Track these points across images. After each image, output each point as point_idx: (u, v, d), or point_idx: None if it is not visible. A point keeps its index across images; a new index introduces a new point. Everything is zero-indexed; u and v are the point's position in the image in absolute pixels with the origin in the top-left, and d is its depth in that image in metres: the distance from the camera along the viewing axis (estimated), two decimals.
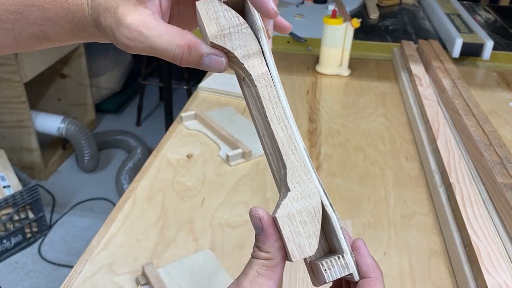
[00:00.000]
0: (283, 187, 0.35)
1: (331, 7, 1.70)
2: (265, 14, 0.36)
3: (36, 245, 1.94)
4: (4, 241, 1.83)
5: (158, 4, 0.37)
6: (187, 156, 0.92)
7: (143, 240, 0.71)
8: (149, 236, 0.72)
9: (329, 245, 0.36)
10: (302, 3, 1.83)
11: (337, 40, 1.22)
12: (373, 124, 1.06)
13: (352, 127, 1.05)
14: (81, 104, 2.66)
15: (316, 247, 0.33)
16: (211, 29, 0.35)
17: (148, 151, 2.40)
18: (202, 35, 0.37)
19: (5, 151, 1.93)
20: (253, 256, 0.34)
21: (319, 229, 0.33)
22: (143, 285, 0.64)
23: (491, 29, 1.64)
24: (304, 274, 0.61)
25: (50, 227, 2.03)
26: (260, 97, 0.35)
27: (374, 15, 1.71)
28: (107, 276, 0.65)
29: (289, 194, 0.33)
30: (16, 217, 1.85)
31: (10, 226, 1.84)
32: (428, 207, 0.81)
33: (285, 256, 0.34)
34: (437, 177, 0.83)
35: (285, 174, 0.34)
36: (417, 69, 1.20)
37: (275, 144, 0.35)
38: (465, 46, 1.35)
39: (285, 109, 0.35)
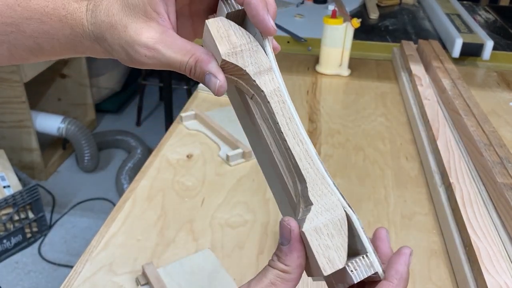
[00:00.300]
0: (302, 202, 0.34)
1: (331, 7, 1.69)
2: (264, 31, 0.36)
3: (36, 245, 1.94)
4: (4, 241, 1.83)
5: (167, 18, 0.36)
6: (187, 156, 0.92)
7: (143, 240, 0.71)
8: (149, 236, 0.72)
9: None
10: (302, 3, 1.83)
11: (337, 40, 1.22)
12: (373, 124, 1.06)
13: (352, 127, 1.05)
14: (81, 104, 2.66)
15: (346, 259, 0.33)
16: (223, 47, 0.35)
17: (148, 151, 2.40)
18: (211, 52, 0.36)
19: (5, 151, 1.93)
20: (270, 265, 0.34)
21: (346, 240, 0.33)
22: (143, 285, 0.64)
23: (491, 29, 1.64)
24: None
25: (50, 227, 2.03)
26: (274, 114, 0.35)
27: (374, 15, 1.71)
28: (107, 276, 0.65)
29: (312, 208, 0.33)
30: (16, 217, 1.85)
31: (10, 226, 1.84)
32: (428, 207, 0.81)
33: (302, 274, 0.34)
34: (437, 177, 0.83)
35: (305, 188, 0.34)
36: (417, 69, 1.20)
37: (292, 160, 0.35)
38: (465, 46, 1.35)
39: (298, 123, 0.35)
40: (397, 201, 0.82)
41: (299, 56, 1.40)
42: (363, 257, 0.33)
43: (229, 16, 0.37)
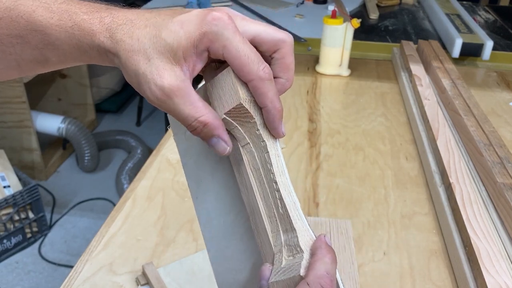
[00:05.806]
0: (285, 251, 0.37)
1: (331, 7, 1.70)
2: (274, 135, 0.39)
3: (36, 245, 1.94)
4: (4, 241, 1.84)
5: (192, 68, 0.37)
6: None
7: (143, 240, 0.71)
8: (149, 236, 0.72)
9: None
10: (302, 3, 1.83)
11: (337, 40, 1.22)
12: (373, 124, 1.06)
13: (352, 127, 1.05)
14: (81, 104, 2.66)
15: None
16: (243, 92, 0.37)
17: (148, 151, 2.40)
18: (223, 98, 0.38)
19: (5, 151, 1.93)
20: None
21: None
22: (143, 285, 0.64)
23: (491, 29, 1.64)
24: None
25: (50, 227, 2.03)
26: (271, 164, 0.38)
27: (374, 15, 1.71)
28: (107, 276, 0.65)
29: (304, 255, 0.35)
30: (16, 217, 1.85)
31: (10, 226, 1.84)
32: (428, 207, 0.81)
33: None
34: (437, 177, 0.83)
35: (295, 237, 0.37)
36: (417, 69, 1.20)
37: (283, 210, 0.37)
38: (465, 46, 1.35)
39: (287, 177, 0.38)
40: (397, 201, 0.82)
41: (299, 56, 1.40)
42: None
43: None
